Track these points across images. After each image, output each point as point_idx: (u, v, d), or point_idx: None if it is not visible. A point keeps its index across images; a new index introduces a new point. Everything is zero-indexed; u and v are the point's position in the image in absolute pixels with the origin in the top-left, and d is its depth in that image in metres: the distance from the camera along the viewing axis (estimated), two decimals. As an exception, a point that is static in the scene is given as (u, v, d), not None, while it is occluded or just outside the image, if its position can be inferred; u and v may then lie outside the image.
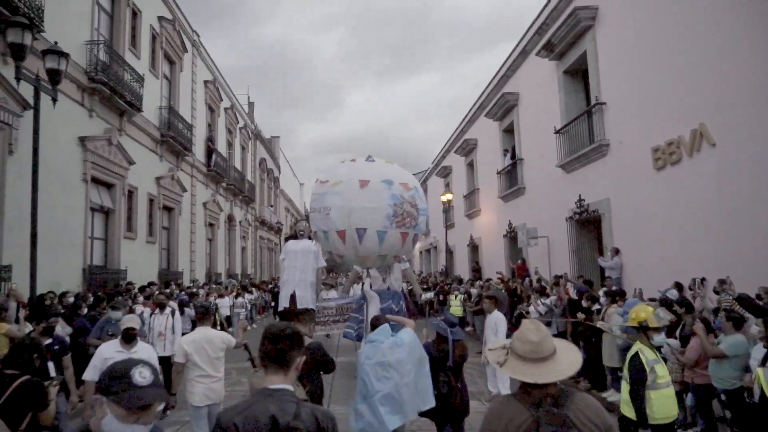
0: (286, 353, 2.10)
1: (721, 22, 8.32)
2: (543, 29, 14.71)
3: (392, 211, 7.23)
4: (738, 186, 8.01)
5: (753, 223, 7.68)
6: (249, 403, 2.02)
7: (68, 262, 11.25)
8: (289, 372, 2.10)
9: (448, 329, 4.74)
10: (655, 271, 9.75)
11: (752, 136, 7.71)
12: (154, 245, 16.35)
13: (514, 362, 2.15)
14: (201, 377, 4.92)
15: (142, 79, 14.78)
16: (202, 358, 4.89)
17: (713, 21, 8.50)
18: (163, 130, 16.94)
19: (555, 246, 14.29)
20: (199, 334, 5.04)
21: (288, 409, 1.97)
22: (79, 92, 12.09)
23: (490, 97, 19.95)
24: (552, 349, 2.14)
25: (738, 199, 8.00)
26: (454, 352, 4.67)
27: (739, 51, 7.94)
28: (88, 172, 12.15)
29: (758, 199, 7.61)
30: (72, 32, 11.76)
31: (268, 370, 2.10)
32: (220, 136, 25.06)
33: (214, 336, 5.08)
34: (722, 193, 8.32)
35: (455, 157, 25.80)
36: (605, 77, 11.84)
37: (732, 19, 8.11)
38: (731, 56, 8.11)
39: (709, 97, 8.54)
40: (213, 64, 23.95)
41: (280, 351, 2.09)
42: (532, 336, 2.16)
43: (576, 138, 13.20)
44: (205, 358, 4.91)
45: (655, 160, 9.96)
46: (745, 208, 7.85)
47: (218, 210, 23.94)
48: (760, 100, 7.56)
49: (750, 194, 7.76)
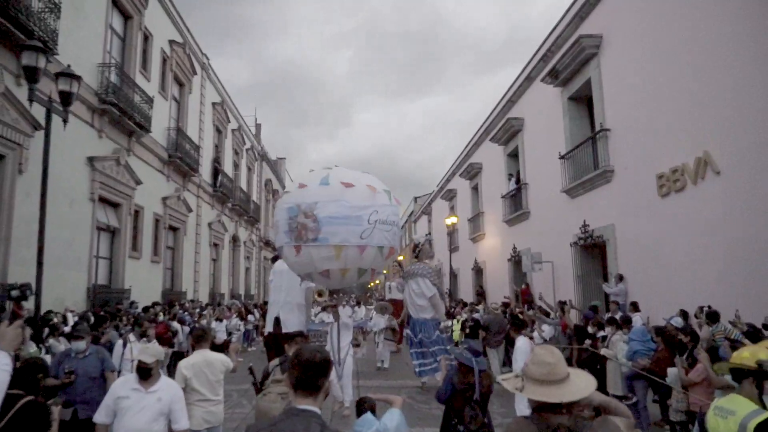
0: (316, 380, 2.13)
1: (725, 51, 8.41)
2: (548, 56, 14.89)
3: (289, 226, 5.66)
4: (743, 214, 7.99)
5: (758, 251, 7.65)
6: (277, 420, 2.11)
7: (73, 280, 11.29)
8: (318, 396, 2.14)
9: (473, 359, 4.44)
10: (659, 298, 9.68)
11: (757, 164, 7.73)
12: (158, 265, 16.39)
13: (532, 386, 2.14)
14: (200, 401, 4.82)
15: (151, 100, 15.01)
16: (201, 382, 4.80)
17: (717, 50, 8.59)
18: (171, 151, 17.13)
19: (559, 271, 14.23)
20: (198, 358, 4.92)
21: (314, 430, 2.00)
22: (90, 113, 12.29)
23: (495, 121, 20.10)
24: (566, 372, 2.15)
25: (743, 227, 7.98)
26: (481, 384, 4.36)
27: (744, 79, 8.01)
28: (95, 192, 12.27)
29: (763, 227, 7.59)
30: (85, 55, 12.00)
31: (297, 393, 2.13)
32: (227, 157, 25.29)
33: (213, 359, 4.99)
34: (727, 221, 8.30)
35: (460, 180, 25.89)
36: (609, 104, 11.93)
37: (736, 48, 8.20)
38: (735, 84, 8.17)
39: (714, 125, 8.59)
40: (221, 86, 24.30)
41: (310, 378, 2.12)
42: (547, 358, 2.17)
43: (580, 164, 13.25)
44: (204, 381, 4.83)
45: (659, 187, 9.97)
46: (750, 237, 7.82)
47: (223, 230, 24.02)
48: (765, 128, 7.60)
49: (755, 222, 7.75)
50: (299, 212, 5.29)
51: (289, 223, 5.34)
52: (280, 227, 5.49)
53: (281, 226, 5.47)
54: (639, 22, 10.76)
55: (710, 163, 8.65)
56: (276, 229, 5.73)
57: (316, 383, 2.13)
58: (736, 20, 8.22)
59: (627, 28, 11.26)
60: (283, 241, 5.45)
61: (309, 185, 5.41)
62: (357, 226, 5.29)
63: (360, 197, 5.32)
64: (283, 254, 5.71)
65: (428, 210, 35.79)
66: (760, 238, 7.62)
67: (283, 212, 5.43)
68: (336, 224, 5.31)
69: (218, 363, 5.00)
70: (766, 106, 7.59)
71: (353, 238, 5.30)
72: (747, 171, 7.93)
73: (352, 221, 5.32)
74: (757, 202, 7.72)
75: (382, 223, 5.35)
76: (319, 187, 5.35)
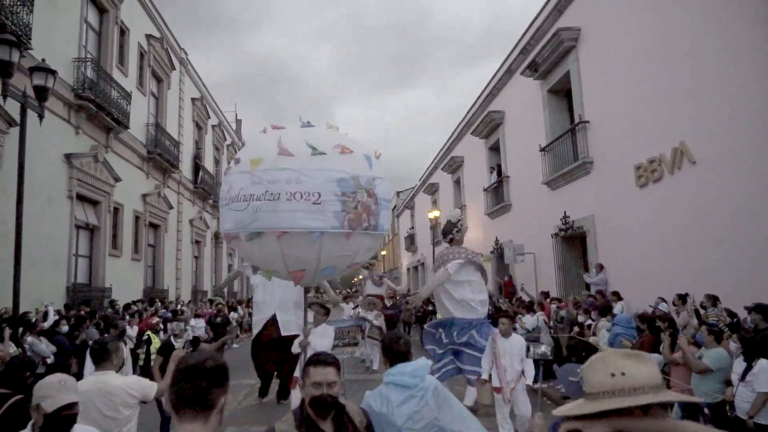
0: (207, 393, 1.62)
1: (701, 44, 8.57)
2: (527, 49, 15.01)
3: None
4: (718, 203, 8.18)
5: (733, 238, 7.84)
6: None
7: (52, 279, 11.11)
8: (209, 418, 1.62)
9: None
10: (638, 286, 9.87)
11: (732, 153, 7.91)
12: (139, 263, 16.20)
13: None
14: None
15: (129, 96, 14.79)
16: (87, 418, 3.11)
17: (693, 42, 8.76)
18: (150, 147, 16.90)
19: (541, 262, 14.41)
20: (91, 384, 3.38)
21: None
22: (66, 109, 12.07)
23: (476, 115, 20.21)
24: None
25: (718, 215, 8.17)
26: None
27: (719, 70, 8.18)
28: (73, 189, 12.07)
29: (738, 215, 7.78)
30: (60, 49, 11.77)
31: (180, 415, 1.60)
32: (208, 153, 25.05)
33: (114, 387, 3.40)
34: (703, 210, 8.49)
35: (442, 174, 25.99)
36: (588, 96, 12.09)
37: (711, 41, 8.37)
38: (711, 75, 8.34)
39: (690, 116, 8.76)
40: (201, 81, 24.03)
41: (199, 391, 1.61)
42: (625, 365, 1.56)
43: (560, 156, 13.41)
44: (93, 417, 3.24)
45: (637, 177, 10.15)
46: (725, 225, 8.02)
47: (205, 227, 23.81)
48: (739, 119, 7.78)
49: (730, 211, 7.94)
50: (358, 188, 3.99)
51: (343, 201, 3.93)
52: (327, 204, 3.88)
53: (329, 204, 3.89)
54: (616, 15, 10.91)
55: (686, 154, 8.83)
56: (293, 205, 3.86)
57: (206, 399, 1.61)
58: (711, 13, 8.38)
59: (604, 21, 11.41)
60: (329, 224, 3.93)
61: (355, 152, 4.10)
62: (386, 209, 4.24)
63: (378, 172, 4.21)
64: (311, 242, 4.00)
65: (411, 204, 35.89)
66: (735, 225, 7.82)
67: (329, 184, 3.92)
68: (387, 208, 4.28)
69: (121, 392, 3.42)
70: (740, 98, 7.77)
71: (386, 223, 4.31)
72: (722, 160, 8.12)
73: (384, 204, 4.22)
74: (732, 191, 7.91)
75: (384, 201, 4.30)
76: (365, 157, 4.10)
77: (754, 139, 7.53)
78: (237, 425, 7.32)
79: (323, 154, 3.95)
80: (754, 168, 7.54)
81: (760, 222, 7.41)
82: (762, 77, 7.34)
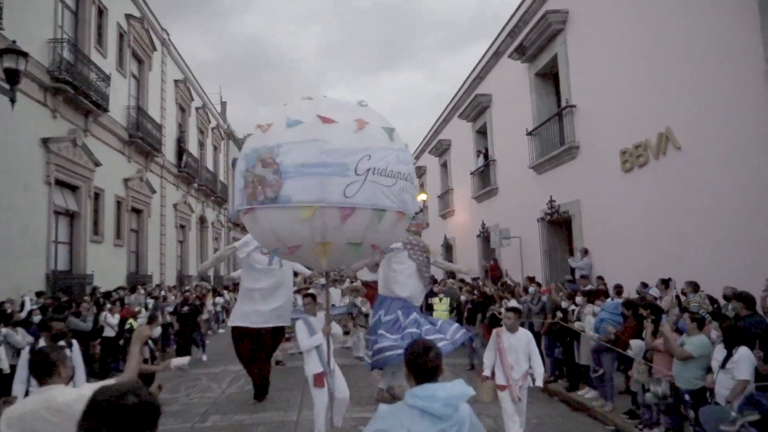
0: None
1: (687, 29, 8.50)
2: (515, 32, 14.84)
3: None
4: (702, 188, 8.19)
5: (717, 224, 7.87)
6: None
7: (30, 267, 10.88)
8: None
9: None
10: (622, 271, 9.91)
11: (716, 139, 7.90)
12: (122, 248, 15.97)
13: None
14: None
15: (108, 78, 14.41)
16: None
17: (679, 27, 8.68)
18: (131, 131, 16.55)
19: (527, 246, 14.44)
20: (36, 403, 2.57)
21: None
22: (42, 92, 11.71)
23: (463, 98, 20.06)
24: None
25: (703, 200, 8.19)
26: None
27: (704, 56, 8.13)
28: (51, 175, 11.78)
29: (722, 200, 7.80)
30: (34, 30, 11.38)
31: None
32: (192, 136, 24.63)
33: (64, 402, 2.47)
34: (688, 195, 8.50)
35: (429, 157, 25.88)
36: (575, 80, 12.00)
37: (697, 26, 8.30)
38: (696, 61, 8.29)
39: (675, 102, 8.73)
40: (184, 62, 23.52)
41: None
42: None
43: (547, 140, 13.36)
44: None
45: (623, 162, 10.13)
46: (710, 210, 8.04)
47: (189, 211, 23.53)
48: (724, 104, 7.75)
49: (714, 196, 7.95)
50: (256, 160, 3.79)
51: (245, 177, 3.87)
52: (236, 185, 4.09)
53: (237, 183, 4.07)
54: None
55: (672, 139, 8.81)
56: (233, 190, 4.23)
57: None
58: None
59: (592, 4, 11.28)
60: (237, 204, 4.06)
61: (274, 124, 3.92)
62: (341, 176, 3.66)
63: (345, 137, 3.75)
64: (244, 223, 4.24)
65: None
66: (719, 210, 7.84)
67: (240, 164, 4.03)
68: (306, 175, 3.65)
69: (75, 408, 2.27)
70: (724, 84, 7.74)
71: (333, 196, 3.65)
72: (707, 146, 8.11)
73: (331, 170, 3.64)
74: (715, 176, 7.92)
75: (380, 174, 3.76)
76: (287, 127, 3.78)
77: (738, 124, 7.52)
78: (220, 414, 7.26)
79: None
80: (738, 153, 7.54)
81: (744, 207, 7.44)
82: (748, 63, 7.29)
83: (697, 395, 5.26)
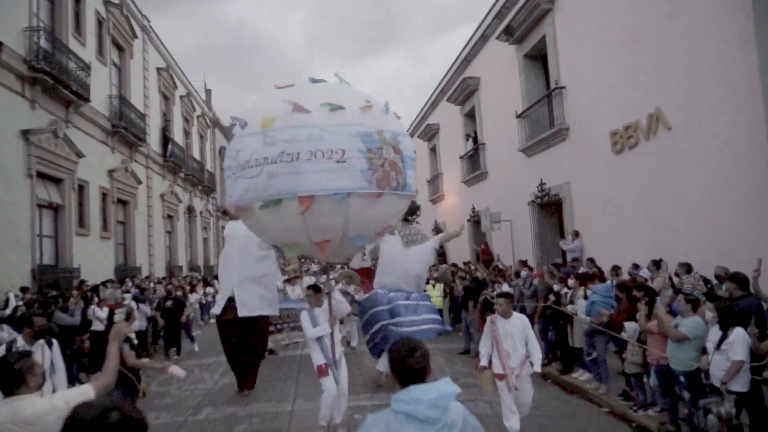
0: None
1: (677, 8, 8.40)
2: (503, 13, 14.66)
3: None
4: (693, 168, 8.17)
5: (708, 204, 7.86)
6: None
7: (14, 262, 10.67)
8: None
9: None
10: (614, 253, 9.91)
11: (707, 119, 7.86)
12: (109, 241, 15.73)
13: None
14: None
15: (88, 67, 14.05)
16: None
17: (670, 7, 8.58)
18: (114, 121, 16.20)
19: (518, 229, 14.43)
20: (1, 415, 2.45)
21: None
22: (19, 82, 11.38)
23: (451, 81, 19.88)
24: None
25: (693, 181, 8.17)
26: None
27: (695, 37, 8.05)
28: (32, 167, 11.51)
29: (713, 181, 7.78)
30: (8, 19, 11.03)
31: None
32: (177, 125, 24.24)
33: (33, 414, 2.43)
34: (678, 176, 8.48)
35: (418, 141, 25.68)
36: (564, 61, 11.89)
37: (687, 6, 8.20)
38: (687, 41, 8.21)
39: (666, 82, 8.66)
40: (166, 50, 23.04)
41: None
42: None
43: (537, 122, 13.28)
44: None
45: (613, 144, 10.08)
46: (700, 190, 8.02)
47: (177, 201, 23.24)
48: (715, 85, 7.70)
49: (704, 175, 7.93)
50: (383, 143, 3.67)
51: (369, 158, 3.63)
52: (353, 162, 3.60)
53: (354, 161, 3.60)
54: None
55: (662, 119, 8.76)
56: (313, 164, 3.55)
57: None
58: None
59: (580, -17, 11.13)
60: (356, 184, 3.63)
61: (374, 106, 3.89)
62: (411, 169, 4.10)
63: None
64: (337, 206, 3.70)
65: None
66: (710, 190, 7.82)
67: (350, 139, 3.63)
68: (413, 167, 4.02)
69: (45, 419, 2.41)
70: (714, 63, 7.67)
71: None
72: (696, 126, 8.07)
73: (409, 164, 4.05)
74: (706, 156, 7.90)
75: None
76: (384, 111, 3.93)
77: (728, 104, 7.47)
78: (213, 406, 7.19)
79: (341, 109, 3.65)
80: (728, 133, 7.50)
81: (735, 187, 7.42)
82: (739, 43, 7.22)
83: (691, 377, 5.26)
